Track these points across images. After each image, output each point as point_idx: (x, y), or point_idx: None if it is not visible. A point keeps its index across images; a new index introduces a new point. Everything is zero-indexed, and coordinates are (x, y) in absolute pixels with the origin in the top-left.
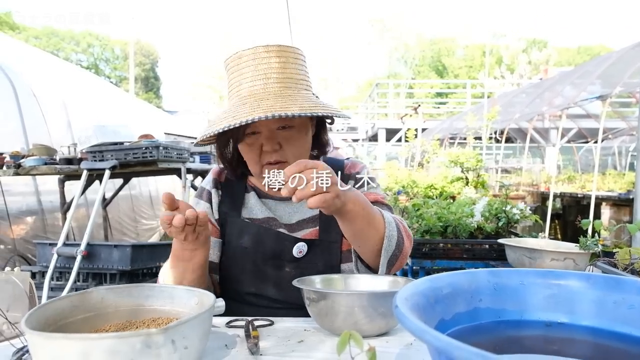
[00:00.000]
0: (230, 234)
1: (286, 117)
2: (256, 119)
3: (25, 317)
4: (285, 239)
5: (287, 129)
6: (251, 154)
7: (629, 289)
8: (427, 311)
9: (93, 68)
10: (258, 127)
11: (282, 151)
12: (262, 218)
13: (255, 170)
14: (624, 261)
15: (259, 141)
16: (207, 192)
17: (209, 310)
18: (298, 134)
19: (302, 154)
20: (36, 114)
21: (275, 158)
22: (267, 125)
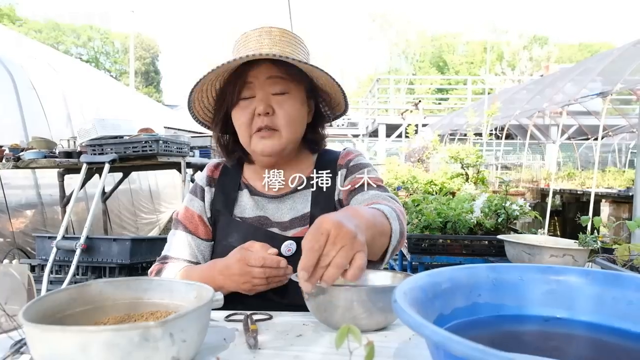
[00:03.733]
0: (221, 233)
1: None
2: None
3: (23, 309)
4: (273, 238)
5: (282, 95)
6: (243, 119)
7: (628, 285)
8: (425, 306)
9: (93, 61)
10: (254, 90)
11: (274, 117)
12: (253, 217)
13: (245, 137)
14: (623, 257)
15: (253, 105)
16: (200, 189)
17: (207, 303)
18: (292, 100)
19: (294, 124)
20: (36, 107)
21: (267, 123)
22: (263, 88)
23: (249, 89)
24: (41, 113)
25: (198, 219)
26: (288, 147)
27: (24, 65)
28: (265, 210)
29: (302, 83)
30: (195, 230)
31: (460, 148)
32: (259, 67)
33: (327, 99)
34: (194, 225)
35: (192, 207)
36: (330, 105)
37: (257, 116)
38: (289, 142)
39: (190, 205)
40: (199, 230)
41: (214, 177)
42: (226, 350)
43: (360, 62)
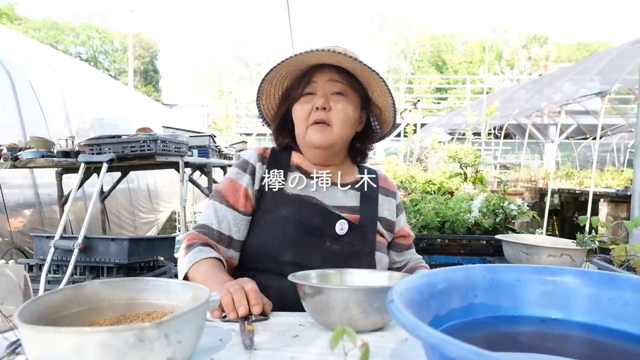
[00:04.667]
0: (271, 204)
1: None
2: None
3: (18, 310)
4: (329, 214)
5: (340, 95)
6: (302, 112)
7: (624, 286)
8: (421, 307)
9: (92, 60)
10: (316, 89)
11: (330, 112)
12: (304, 195)
13: (302, 128)
14: (619, 258)
15: (313, 101)
16: (251, 166)
17: (203, 304)
18: (347, 102)
19: (346, 122)
20: (34, 106)
21: (322, 117)
22: (324, 87)
23: (312, 87)
24: (39, 112)
25: (243, 192)
26: (337, 143)
27: (22, 64)
28: (317, 193)
29: (357, 92)
30: (236, 204)
31: (459, 147)
32: (323, 71)
33: (378, 114)
34: (236, 198)
35: (239, 180)
36: (381, 122)
37: (315, 110)
38: (338, 138)
39: (237, 178)
40: (239, 203)
41: (265, 156)
42: (222, 350)
43: None
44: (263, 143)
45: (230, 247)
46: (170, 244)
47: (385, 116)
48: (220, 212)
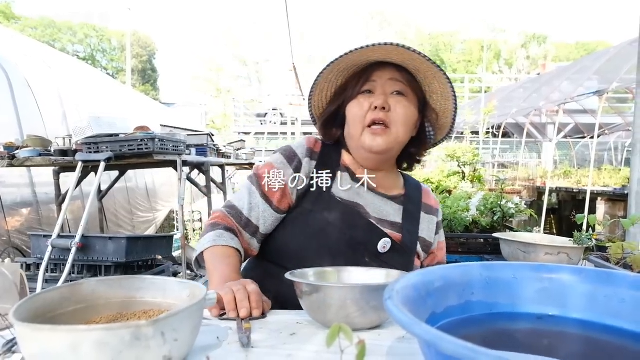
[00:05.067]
0: (315, 205)
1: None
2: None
3: (14, 308)
4: (374, 229)
5: (400, 95)
6: (359, 111)
7: (621, 283)
8: (418, 304)
9: (90, 59)
10: (374, 86)
11: (389, 113)
12: (350, 201)
13: (357, 129)
14: (616, 255)
15: (371, 100)
16: (297, 160)
17: (199, 302)
18: (408, 103)
19: (405, 124)
20: (31, 105)
21: (381, 117)
22: (383, 87)
23: (371, 86)
24: (36, 111)
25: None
26: (394, 147)
27: (19, 63)
28: (362, 199)
29: (417, 93)
30: (271, 196)
31: (457, 146)
32: (383, 69)
33: (434, 119)
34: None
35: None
36: (435, 127)
37: (373, 110)
38: (396, 142)
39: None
40: (274, 197)
41: (315, 151)
42: (219, 348)
43: None
44: (261, 142)
45: (254, 236)
46: (169, 242)
47: (442, 122)
48: (254, 199)
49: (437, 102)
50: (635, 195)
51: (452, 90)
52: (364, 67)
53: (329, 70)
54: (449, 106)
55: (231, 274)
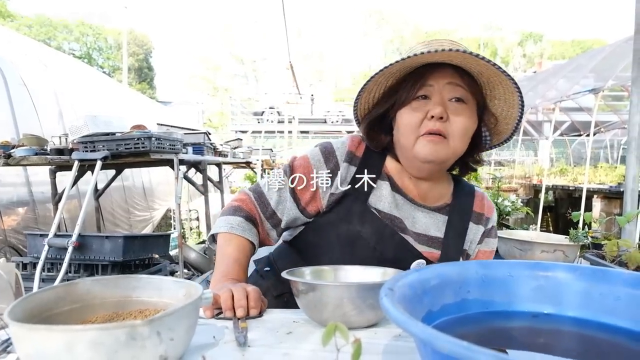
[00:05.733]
0: (347, 214)
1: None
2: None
3: (9, 308)
4: (408, 249)
5: (459, 102)
6: (413, 120)
7: (616, 281)
8: (414, 303)
9: (86, 58)
10: (431, 93)
11: (447, 123)
12: (387, 213)
13: (410, 139)
14: (612, 253)
15: (426, 107)
16: (335, 162)
17: (195, 301)
18: (468, 111)
19: (464, 135)
20: (27, 103)
21: (438, 127)
22: (441, 93)
23: (427, 90)
24: (32, 110)
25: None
26: (450, 159)
27: (15, 61)
28: (401, 212)
29: (476, 97)
30: (301, 195)
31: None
32: (442, 71)
33: (492, 123)
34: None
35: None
36: (492, 131)
37: (430, 119)
38: (454, 154)
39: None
40: (304, 197)
41: (357, 155)
42: (215, 347)
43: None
44: (258, 140)
45: (275, 228)
46: (166, 241)
47: (501, 127)
48: (284, 193)
49: (499, 107)
50: (631, 192)
51: (520, 97)
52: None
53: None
54: (513, 113)
55: (236, 271)
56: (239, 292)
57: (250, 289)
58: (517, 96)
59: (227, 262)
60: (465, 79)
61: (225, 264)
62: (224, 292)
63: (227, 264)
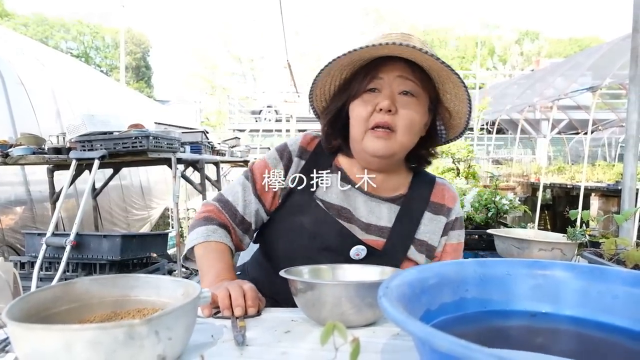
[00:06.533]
0: (295, 208)
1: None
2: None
3: (7, 307)
4: (347, 236)
5: (408, 95)
6: (363, 112)
7: (614, 279)
8: (412, 301)
9: (83, 56)
10: (381, 86)
11: (395, 116)
12: (336, 205)
13: (359, 131)
14: (609, 251)
15: (376, 100)
16: (288, 157)
17: (193, 300)
18: (416, 105)
19: (412, 129)
20: (24, 102)
21: (386, 120)
22: (390, 85)
23: (377, 83)
24: (30, 109)
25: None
26: (399, 153)
27: (12, 60)
28: (350, 202)
29: (428, 92)
30: (262, 193)
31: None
32: (393, 64)
33: (447, 118)
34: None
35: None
36: (447, 125)
37: (378, 112)
38: (401, 147)
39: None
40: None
41: (308, 150)
42: (214, 347)
43: None
44: (256, 139)
45: (246, 233)
46: (163, 240)
47: (455, 122)
48: (248, 196)
49: (451, 102)
50: (629, 190)
51: (466, 93)
52: (371, 60)
53: (330, 67)
54: (463, 109)
55: (227, 273)
56: (236, 291)
57: (247, 287)
58: (464, 91)
59: (216, 265)
60: (417, 73)
61: (215, 268)
62: (221, 292)
63: (216, 267)
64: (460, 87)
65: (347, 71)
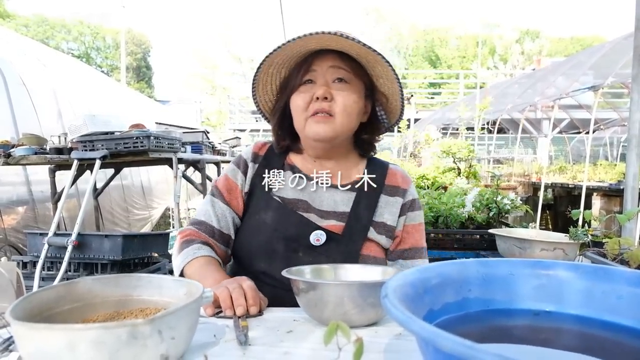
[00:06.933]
0: (255, 207)
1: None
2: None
3: (11, 307)
4: (305, 224)
5: (342, 82)
6: (301, 102)
7: (618, 279)
8: (415, 301)
9: (84, 57)
10: (315, 76)
11: (331, 103)
12: (292, 198)
13: (301, 121)
14: (613, 251)
15: (313, 90)
16: (244, 163)
17: (196, 300)
18: (350, 91)
19: (350, 113)
20: (26, 103)
21: (324, 107)
22: (324, 75)
23: (312, 75)
24: (31, 109)
25: (238, 191)
26: (340, 135)
27: (14, 61)
28: (305, 194)
29: (361, 79)
30: (232, 202)
31: (452, 142)
32: (324, 56)
33: (384, 103)
34: (233, 196)
35: (234, 178)
36: (387, 111)
37: (315, 100)
38: (342, 130)
39: (232, 175)
40: (234, 202)
41: (260, 154)
42: (216, 346)
43: None
44: (256, 139)
45: (228, 246)
46: (165, 240)
47: (392, 105)
48: (219, 210)
49: (385, 86)
50: (631, 190)
51: (393, 72)
52: (305, 56)
53: (267, 64)
54: (395, 88)
55: (222, 276)
56: (237, 291)
57: (247, 286)
58: (391, 70)
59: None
60: (348, 62)
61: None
62: (222, 292)
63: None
64: (387, 67)
65: (285, 70)
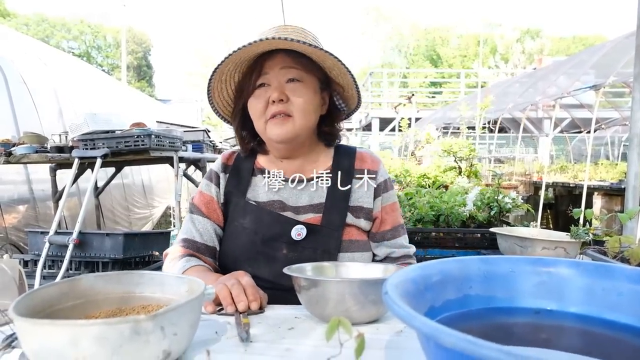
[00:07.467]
0: (233, 215)
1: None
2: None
3: (14, 303)
4: (284, 221)
5: (295, 82)
6: (258, 106)
7: (619, 277)
8: (416, 298)
9: (85, 56)
10: (269, 80)
11: (288, 104)
12: (267, 201)
13: (260, 124)
14: (614, 249)
15: (268, 93)
16: (215, 175)
17: (198, 297)
18: (305, 89)
19: (307, 111)
20: (27, 102)
21: (281, 109)
22: (277, 77)
23: (265, 79)
24: (32, 108)
25: (214, 203)
26: (301, 134)
27: (15, 59)
28: (279, 195)
29: (315, 74)
30: (211, 215)
31: (454, 141)
32: (274, 58)
33: (341, 92)
34: (211, 209)
35: (208, 191)
36: (345, 99)
37: (272, 103)
38: (302, 129)
39: (207, 190)
40: (214, 214)
41: (228, 164)
42: (218, 343)
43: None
44: None
45: (214, 258)
46: (166, 238)
47: (349, 93)
48: (200, 225)
49: (338, 77)
50: (632, 189)
51: (342, 64)
52: (255, 58)
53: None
54: (348, 80)
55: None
56: (236, 288)
57: (245, 282)
58: (340, 63)
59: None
60: (299, 60)
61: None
62: (221, 289)
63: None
64: (336, 61)
65: (237, 74)
